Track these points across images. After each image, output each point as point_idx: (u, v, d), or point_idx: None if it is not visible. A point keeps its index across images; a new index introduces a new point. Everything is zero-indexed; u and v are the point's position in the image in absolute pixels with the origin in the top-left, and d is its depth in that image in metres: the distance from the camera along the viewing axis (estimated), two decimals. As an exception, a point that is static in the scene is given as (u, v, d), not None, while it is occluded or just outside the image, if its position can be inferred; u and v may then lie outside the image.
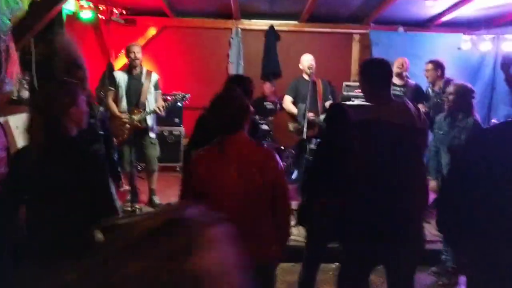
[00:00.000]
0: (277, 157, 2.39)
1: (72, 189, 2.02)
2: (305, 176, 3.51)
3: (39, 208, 2.08)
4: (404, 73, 5.28)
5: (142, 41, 7.22)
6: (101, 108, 3.98)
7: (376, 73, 2.58)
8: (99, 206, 2.10)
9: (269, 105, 6.66)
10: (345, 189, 2.64)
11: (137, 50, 5.04)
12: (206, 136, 2.38)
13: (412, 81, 5.46)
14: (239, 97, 2.38)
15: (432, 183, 3.91)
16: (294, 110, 5.42)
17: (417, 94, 5.21)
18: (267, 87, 7.05)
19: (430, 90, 5.35)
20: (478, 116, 3.96)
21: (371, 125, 2.49)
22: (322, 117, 5.26)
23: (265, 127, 6.14)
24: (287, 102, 5.52)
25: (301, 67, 5.51)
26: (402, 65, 5.23)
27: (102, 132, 3.67)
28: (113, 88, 5.01)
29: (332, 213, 2.91)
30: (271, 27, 7.42)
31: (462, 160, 2.31)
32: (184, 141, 7.01)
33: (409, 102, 2.61)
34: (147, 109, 5.01)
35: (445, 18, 6.81)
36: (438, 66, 5.23)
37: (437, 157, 4.13)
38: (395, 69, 5.19)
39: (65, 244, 1.94)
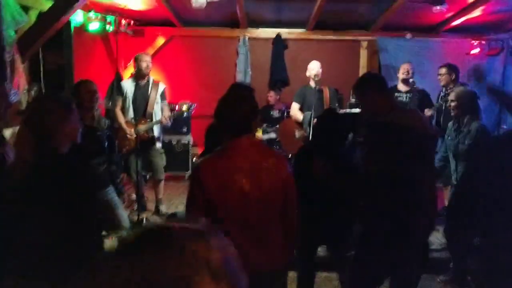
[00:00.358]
0: (287, 162, 2.34)
1: (62, 208, 1.90)
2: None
3: (26, 227, 1.92)
4: (410, 79, 5.23)
5: (150, 51, 7.26)
6: (107, 121, 3.94)
7: (381, 83, 2.66)
8: (96, 221, 2.04)
9: (275, 113, 6.65)
10: (354, 195, 2.62)
11: (148, 60, 5.08)
12: (218, 144, 2.30)
13: (417, 87, 5.42)
14: (249, 96, 2.32)
15: (442, 189, 3.89)
16: (300, 117, 5.41)
17: (423, 100, 5.17)
18: (271, 96, 7.06)
19: (442, 94, 5.31)
20: (484, 120, 3.94)
21: (385, 126, 2.50)
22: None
23: (272, 135, 6.13)
24: (294, 109, 5.52)
25: (308, 74, 5.51)
26: (408, 71, 5.19)
27: (106, 145, 3.69)
28: (120, 97, 5.05)
29: (319, 218, 2.91)
30: (278, 35, 7.43)
31: (473, 169, 2.33)
32: (192, 150, 7.03)
33: (417, 110, 2.65)
34: (154, 119, 5.03)
35: (453, 24, 6.76)
36: (452, 70, 5.20)
37: (447, 163, 4.11)
38: (400, 75, 5.17)
39: (55, 262, 1.84)
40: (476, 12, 6.12)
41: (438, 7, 5.88)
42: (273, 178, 2.17)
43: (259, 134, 6.04)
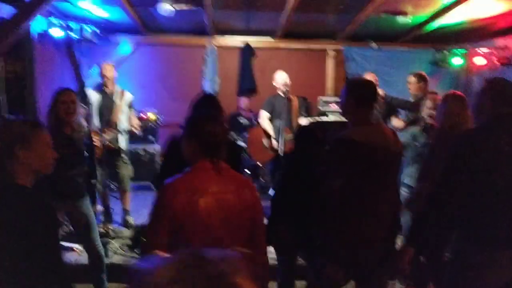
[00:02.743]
0: (254, 187, 2.27)
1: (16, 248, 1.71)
2: (274, 194, 3.47)
3: None
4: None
5: (116, 59, 7.13)
6: (87, 130, 3.80)
7: (365, 93, 2.57)
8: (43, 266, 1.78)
9: (243, 120, 6.63)
10: (319, 209, 2.61)
11: (109, 69, 4.97)
12: (181, 164, 2.18)
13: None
14: (222, 120, 2.28)
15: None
16: (269, 127, 5.39)
17: (389, 107, 5.25)
18: (244, 101, 7.03)
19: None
20: None
21: (352, 145, 2.45)
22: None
23: (240, 143, 6.09)
24: (263, 118, 5.49)
25: (275, 84, 5.50)
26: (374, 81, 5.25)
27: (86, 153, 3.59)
28: (85, 106, 4.91)
29: (296, 230, 2.93)
30: (246, 43, 7.43)
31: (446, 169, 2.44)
32: (159, 159, 6.92)
33: (386, 126, 2.65)
34: (119, 129, 4.92)
35: (417, 33, 6.91)
36: (421, 78, 5.28)
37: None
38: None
39: None
40: (438, 23, 6.28)
41: (402, 17, 6.02)
42: (239, 202, 2.10)
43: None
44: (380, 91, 5.14)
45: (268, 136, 5.39)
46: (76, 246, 4.22)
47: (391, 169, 2.53)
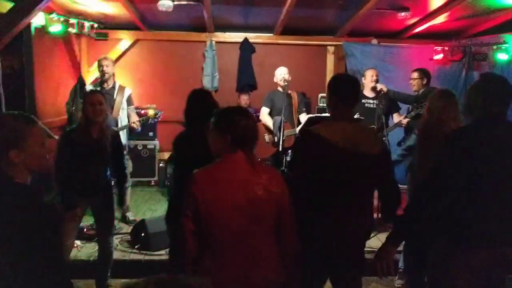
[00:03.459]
0: (282, 178, 2.27)
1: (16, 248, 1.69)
2: None
3: None
4: (376, 85, 5.28)
5: (114, 55, 7.11)
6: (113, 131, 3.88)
7: (345, 91, 2.53)
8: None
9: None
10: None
11: (107, 63, 4.95)
12: (197, 160, 2.23)
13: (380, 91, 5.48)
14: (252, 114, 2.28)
15: None
16: (269, 122, 5.38)
17: (390, 104, 5.23)
18: (244, 98, 7.02)
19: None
20: None
21: (316, 139, 2.42)
22: (297, 129, 5.24)
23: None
24: (264, 114, 5.48)
25: (275, 80, 5.48)
26: (375, 77, 5.22)
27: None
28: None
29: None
30: (246, 39, 7.41)
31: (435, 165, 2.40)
32: (158, 155, 6.91)
33: (367, 127, 2.59)
34: (119, 125, 4.90)
35: (417, 30, 6.90)
36: (424, 74, 5.26)
37: None
38: (368, 83, 5.19)
39: None
40: (439, 19, 6.28)
41: (402, 14, 6.01)
42: (267, 193, 2.13)
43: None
44: (383, 87, 5.12)
45: (270, 131, 5.38)
46: (77, 242, 4.21)
47: (359, 169, 2.41)
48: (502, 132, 2.30)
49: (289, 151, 5.67)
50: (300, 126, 5.19)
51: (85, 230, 4.52)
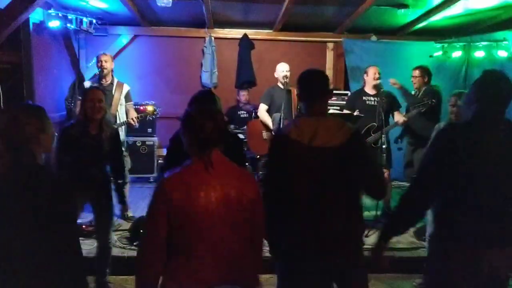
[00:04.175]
0: (256, 181, 2.23)
1: (41, 220, 1.84)
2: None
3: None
4: (378, 82, 5.27)
5: (113, 50, 7.09)
6: (113, 129, 3.83)
7: (308, 86, 2.48)
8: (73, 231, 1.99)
9: (243, 114, 6.59)
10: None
11: (105, 59, 4.92)
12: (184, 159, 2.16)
13: (384, 90, 5.46)
14: (216, 115, 2.16)
15: None
16: (268, 119, 5.37)
17: (392, 102, 5.21)
18: (244, 95, 7.00)
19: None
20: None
21: (285, 140, 2.36)
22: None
23: (240, 136, 6.05)
24: (262, 110, 5.47)
25: (276, 76, 5.46)
26: (377, 75, 5.20)
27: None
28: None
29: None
30: (245, 35, 7.39)
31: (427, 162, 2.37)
32: (157, 152, 6.90)
33: (339, 119, 2.46)
34: (118, 121, 4.89)
35: (416, 27, 6.89)
36: (425, 72, 5.25)
37: None
38: (370, 80, 5.16)
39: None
40: (439, 16, 6.26)
41: (402, 11, 6.00)
42: (241, 196, 2.07)
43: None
44: (400, 119, 5.10)
45: (268, 128, 5.37)
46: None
47: (331, 167, 2.32)
48: (496, 131, 2.23)
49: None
50: None
51: (83, 226, 4.51)
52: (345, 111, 5.15)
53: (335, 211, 2.33)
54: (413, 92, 5.44)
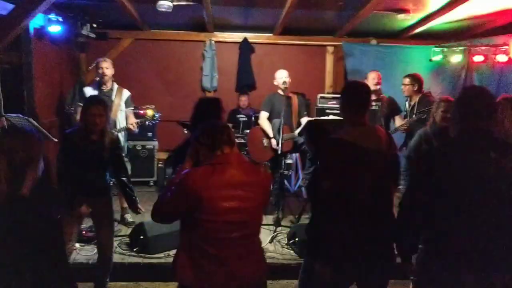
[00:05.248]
0: (271, 180, 2.45)
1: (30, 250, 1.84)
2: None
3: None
4: (378, 87, 5.28)
5: (113, 54, 7.10)
6: (115, 137, 3.81)
7: (357, 96, 2.58)
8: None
9: (242, 117, 6.61)
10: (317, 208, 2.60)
11: (107, 66, 4.91)
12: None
13: (384, 95, 5.48)
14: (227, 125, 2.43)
15: None
16: (268, 128, 5.37)
17: (392, 107, 5.22)
18: (244, 99, 7.02)
19: (407, 104, 5.37)
20: None
21: (343, 145, 2.46)
22: (296, 131, 5.24)
23: (240, 140, 6.06)
24: (263, 118, 5.46)
25: (275, 83, 5.47)
26: (376, 80, 5.21)
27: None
28: (82, 104, 4.87)
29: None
30: (245, 39, 7.40)
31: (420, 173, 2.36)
32: (157, 155, 6.90)
33: (381, 128, 2.61)
34: (118, 127, 4.89)
35: (416, 31, 6.89)
36: (415, 80, 5.24)
37: None
38: (370, 85, 5.17)
39: None
40: (438, 20, 6.26)
41: (402, 15, 6.00)
42: (258, 194, 2.28)
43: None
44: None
45: (268, 136, 5.37)
46: (75, 244, 4.21)
47: (382, 170, 2.45)
48: (481, 149, 2.15)
49: (288, 154, 5.68)
50: (299, 129, 5.19)
51: (84, 232, 4.51)
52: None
53: (381, 213, 2.47)
54: (405, 102, 5.43)
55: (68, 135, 3.60)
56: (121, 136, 4.93)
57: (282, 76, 5.36)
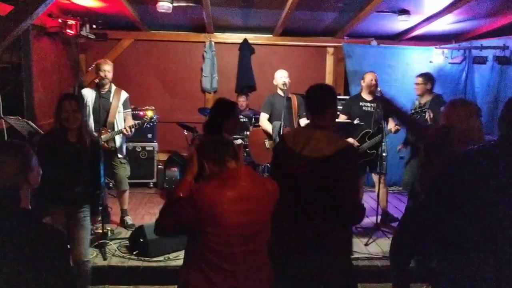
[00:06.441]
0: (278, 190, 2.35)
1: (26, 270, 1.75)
2: None
3: None
4: (378, 88, 5.25)
5: (113, 55, 7.09)
6: (92, 137, 3.55)
7: (310, 99, 2.59)
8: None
9: (242, 119, 6.59)
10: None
11: (108, 69, 4.85)
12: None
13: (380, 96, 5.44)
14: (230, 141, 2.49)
15: None
16: (269, 128, 5.34)
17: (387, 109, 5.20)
18: (242, 100, 6.99)
19: (416, 102, 5.35)
20: None
21: (280, 142, 2.61)
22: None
23: (238, 141, 6.02)
24: (263, 119, 5.43)
25: (275, 83, 5.44)
26: (374, 81, 5.18)
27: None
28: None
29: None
30: (245, 40, 7.38)
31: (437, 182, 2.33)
32: (157, 157, 6.88)
33: (336, 135, 2.50)
34: (116, 129, 4.86)
35: (417, 32, 6.88)
36: (428, 79, 5.23)
37: None
38: (367, 87, 5.16)
39: None
40: (439, 22, 6.25)
41: (402, 16, 5.99)
42: (267, 207, 2.26)
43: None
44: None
45: (270, 137, 5.35)
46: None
47: (309, 179, 2.38)
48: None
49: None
50: None
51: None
52: (342, 117, 5.16)
53: (309, 219, 2.41)
54: (415, 100, 5.42)
55: (43, 138, 3.42)
56: (119, 138, 4.91)
57: (282, 76, 5.33)
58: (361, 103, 5.17)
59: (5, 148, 1.98)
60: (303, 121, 5.36)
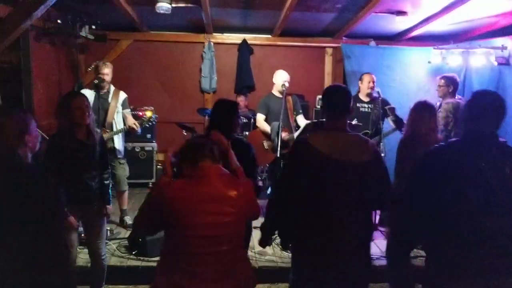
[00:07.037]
0: (253, 190, 2.34)
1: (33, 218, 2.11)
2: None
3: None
4: (376, 89, 5.27)
5: (112, 55, 7.11)
6: (100, 135, 3.60)
7: (335, 102, 2.56)
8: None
9: (241, 118, 6.59)
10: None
11: (107, 71, 4.87)
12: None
13: (378, 96, 5.46)
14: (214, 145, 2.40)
15: None
16: (267, 128, 5.35)
17: (385, 109, 5.22)
18: (241, 100, 7.01)
19: (438, 105, 5.33)
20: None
21: (306, 148, 2.46)
22: (296, 134, 5.23)
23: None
24: (260, 120, 5.44)
25: (274, 81, 5.43)
26: (372, 83, 5.19)
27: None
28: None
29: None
30: (244, 40, 7.40)
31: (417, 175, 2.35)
32: (156, 157, 6.90)
33: (362, 136, 2.55)
34: (114, 129, 4.88)
35: (415, 33, 6.90)
36: (450, 81, 5.20)
37: None
38: (365, 89, 5.18)
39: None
40: (437, 22, 6.26)
41: (401, 17, 6.00)
42: (239, 208, 2.20)
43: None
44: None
45: (268, 137, 5.36)
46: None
47: (349, 183, 2.39)
48: (481, 154, 2.13)
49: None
50: (298, 132, 5.17)
51: (82, 235, 4.49)
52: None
53: (345, 226, 2.39)
54: (437, 102, 5.37)
55: (52, 138, 3.38)
56: (118, 138, 4.93)
57: (283, 78, 5.31)
58: (358, 104, 5.18)
59: (5, 112, 2.32)
60: (301, 119, 5.37)
